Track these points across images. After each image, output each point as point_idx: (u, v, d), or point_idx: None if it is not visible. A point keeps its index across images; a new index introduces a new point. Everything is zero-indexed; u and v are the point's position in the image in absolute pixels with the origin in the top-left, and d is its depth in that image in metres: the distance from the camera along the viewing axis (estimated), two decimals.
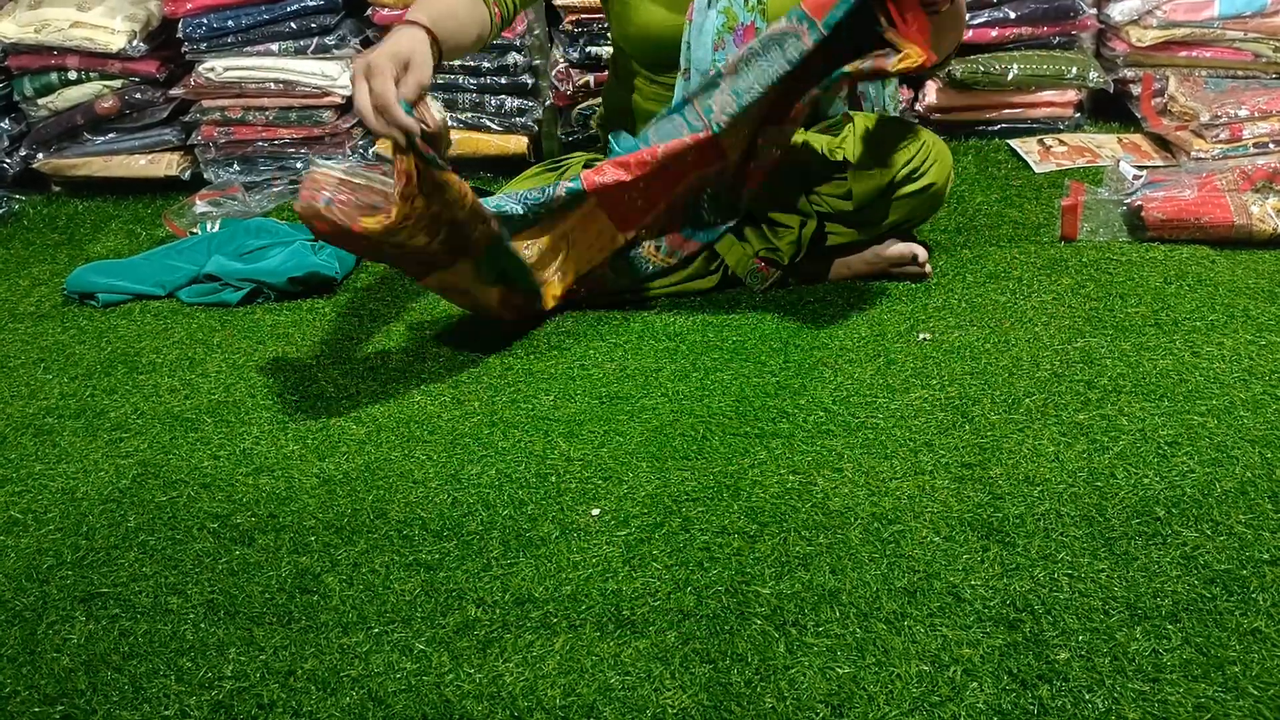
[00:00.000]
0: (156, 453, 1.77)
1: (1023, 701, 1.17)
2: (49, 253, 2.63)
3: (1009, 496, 1.48)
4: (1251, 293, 1.94)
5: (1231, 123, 2.45)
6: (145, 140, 2.88)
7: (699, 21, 1.98)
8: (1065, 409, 1.66)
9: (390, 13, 2.74)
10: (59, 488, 1.70)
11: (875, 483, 1.54)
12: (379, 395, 1.88)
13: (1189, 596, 1.29)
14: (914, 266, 2.08)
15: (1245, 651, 1.21)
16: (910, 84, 2.85)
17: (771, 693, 1.21)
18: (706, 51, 1.98)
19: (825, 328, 1.96)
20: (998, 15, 2.71)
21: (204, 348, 2.09)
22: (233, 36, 2.75)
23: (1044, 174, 2.56)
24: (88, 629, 1.40)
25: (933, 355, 1.84)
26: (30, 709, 1.28)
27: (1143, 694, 1.17)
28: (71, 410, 1.91)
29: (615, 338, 1.99)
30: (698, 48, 1.98)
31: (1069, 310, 1.94)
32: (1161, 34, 2.66)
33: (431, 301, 2.20)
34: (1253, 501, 1.43)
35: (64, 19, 2.75)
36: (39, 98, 2.83)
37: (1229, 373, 1.71)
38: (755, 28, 1.98)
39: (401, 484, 1.63)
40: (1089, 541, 1.39)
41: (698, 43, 1.98)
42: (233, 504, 1.62)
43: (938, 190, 2.04)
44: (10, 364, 2.10)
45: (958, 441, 1.61)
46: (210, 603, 1.43)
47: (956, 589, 1.33)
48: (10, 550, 1.56)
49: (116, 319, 2.24)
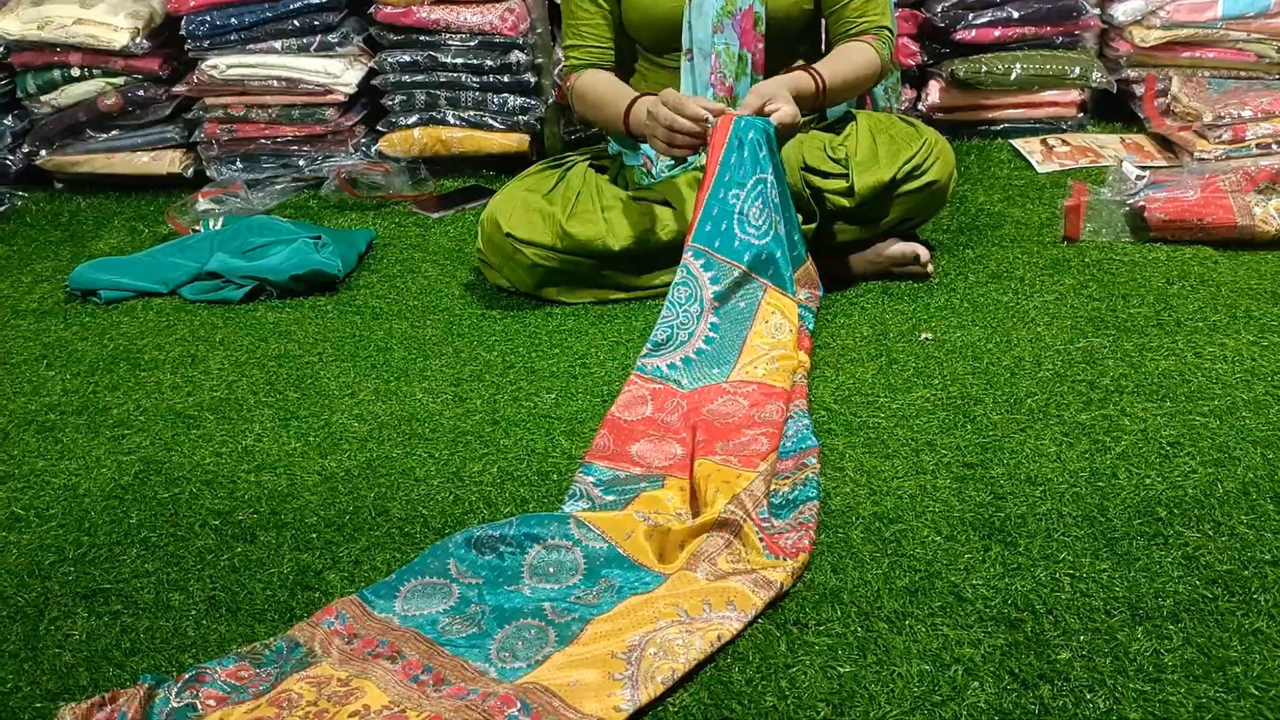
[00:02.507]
0: (158, 449, 1.77)
1: (1024, 701, 1.17)
2: (52, 249, 2.63)
3: (1011, 496, 1.48)
4: (1254, 294, 1.94)
5: (1234, 123, 2.45)
6: (148, 137, 2.88)
7: (699, 2, 2.01)
8: (1067, 409, 1.66)
9: (393, 10, 2.73)
10: (61, 484, 1.70)
11: (877, 482, 1.54)
12: (381, 393, 1.88)
13: (1190, 597, 1.29)
14: (916, 266, 2.08)
15: (1247, 652, 1.21)
16: (913, 83, 2.85)
17: (772, 691, 1.21)
18: (706, 33, 2.01)
19: (827, 326, 1.96)
20: (1001, 15, 2.71)
21: (206, 345, 2.09)
22: (235, 34, 2.75)
23: (1047, 174, 2.56)
24: (89, 625, 1.40)
25: (935, 355, 1.84)
26: (32, 704, 1.28)
27: (1144, 694, 1.17)
28: (74, 407, 1.91)
29: (617, 336, 1.99)
30: (699, 29, 2.02)
31: (1071, 310, 1.94)
32: (1164, 34, 2.66)
33: (433, 300, 2.21)
34: (1254, 502, 1.43)
35: (67, 16, 2.75)
36: (42, 94, 2.84)
37: (1231, 373, 1.71)
38: (754, 11, 2.00)
39: (403, 481, 1.63)
40: (1091, 541, 1.39)
41: (698, 23, 2.02)
42: (234, 501, 1.62)
43: (940, 188, 2.04)
44: (13, 360, 2.10)
45: (959, 441, 1.61)
46: (212, 599, 1.43)
47: (958, 588, 1.33)
48: (12, 546, 1.56)
49: (119, 316, 2.24)
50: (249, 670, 1.27)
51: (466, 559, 1.40)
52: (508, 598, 1.36)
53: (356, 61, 2.82)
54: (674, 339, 1.79)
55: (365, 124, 2.91)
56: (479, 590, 1.37)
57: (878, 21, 2.09)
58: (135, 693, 1.22)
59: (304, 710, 1.20)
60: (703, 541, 1.40)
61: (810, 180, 2.01)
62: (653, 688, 1.19)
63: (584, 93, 2.12)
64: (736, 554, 1.38)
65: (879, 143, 2.03)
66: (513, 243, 2.05)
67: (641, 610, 1.31)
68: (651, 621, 1.28)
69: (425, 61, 2.77)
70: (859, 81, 2.07)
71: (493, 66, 2.75)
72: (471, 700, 1.18)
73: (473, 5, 2.74)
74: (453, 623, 1.33)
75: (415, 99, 2.81)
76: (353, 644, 1.30)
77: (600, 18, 2.13)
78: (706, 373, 1.76)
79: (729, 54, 2.03)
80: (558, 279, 2.09)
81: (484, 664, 1.26)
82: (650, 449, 1.62)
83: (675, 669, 1.21)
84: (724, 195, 1.81)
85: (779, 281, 1.82)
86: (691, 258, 1.82)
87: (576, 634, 1.28)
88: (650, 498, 1.51)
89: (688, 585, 1.34)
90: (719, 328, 1.78)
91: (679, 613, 1.29)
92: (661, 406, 1.71)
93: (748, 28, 2.03)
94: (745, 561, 1.37)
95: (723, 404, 1.69)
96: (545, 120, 2.84)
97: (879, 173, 1.99)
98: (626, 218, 2.05)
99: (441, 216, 2.61)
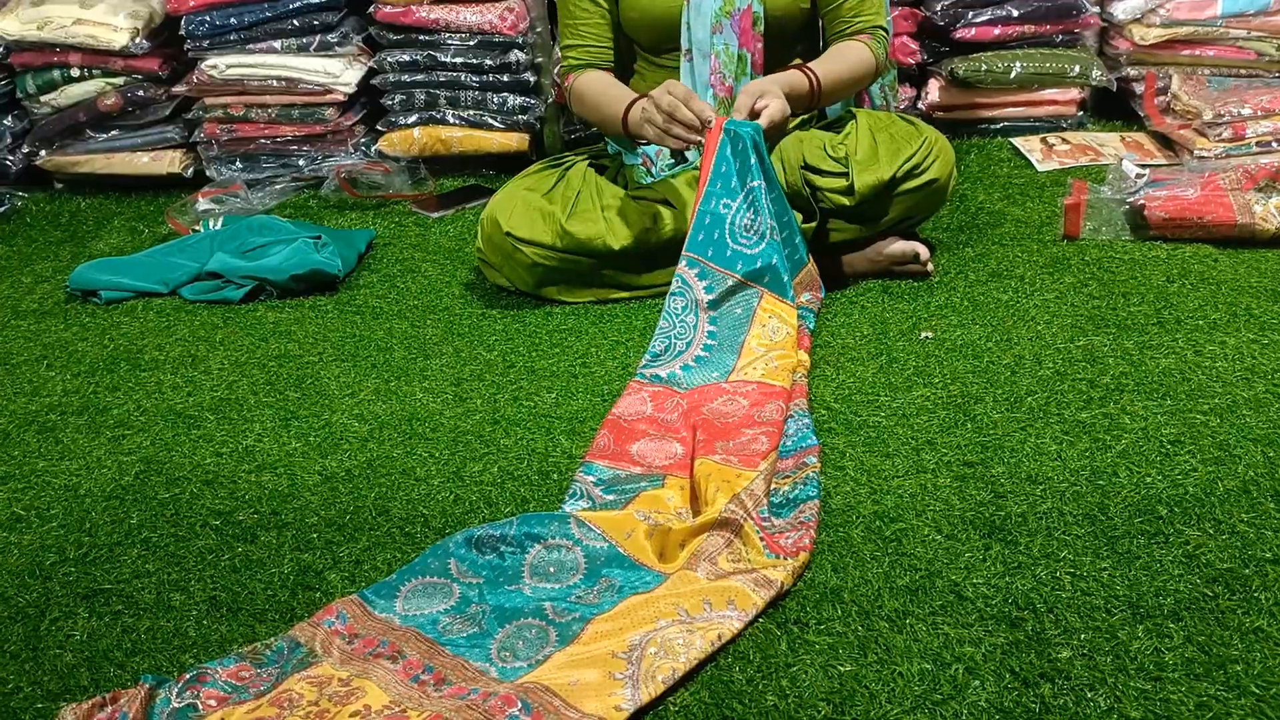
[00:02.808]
0: (159, 449, 1.77)
1: (1025, 700, 1.17)
2: (52, 250, 2.63)
3: (1011, 495, 1.48)
4: (1254, 292, 1.94)
5: (1234, 121, 2.45)
6: (148, 138, 2.88)
7: (697, 2, 2.02)
8: (1068, 407, 1.66)
9: (393, 10, 2.73)
10: (62, 484, 1.70)
11: (877, 481, 1.54)
12: (381, 392, 1.88)
13: (1191, 595, 1.29)
14: (916, 264, 2.08)
15: (1247, 650, 1.21)
16: (913, 82, 2.85)
17: (773, 690, 1.21)
18: (705, 33, 2.01)
19: (827, 326, 1.96)
20: (1001, 13, 2.70)
21: (206, 345, 2.09)
22: (235, 34, 2.75)
23: (1046, 172, 2.56)
24: (90, 625, 1.40)
25: (935, 353, 1.84)
26: (33, 705, 1.28)
27: (1145, 692, 1.17)
28: (74, 407, 1.91)
29: (617, 336, 1.99)
30: (697, 28, 2.02)
31: (1071, 309, 1.94)
32: (1164, 32, 2.66)
33: (434, 299, 2.21)
34: (1255, 500, 1.43)
35: (67, 16, 2.75)
36: (41, 95, 2.84)
37: (1231, 371, 1.71)
38: (753, 11, 2.00)
39: (404, 481, 1.63)
40: (1091, 540, 1.39)
41: (697, 23, 2.02)
42: (235, 501, 1.62)
43: (939, 186, 2.04)
44: (13, 361, 2.10)
45: (960, 440, 1.61)
46: (213, 599, 1.43)
47: (958, 587, 1.33)
48: (13, 547, 1.56)
49: (119, 316, 2.24)
50: (250, 670, 1.27)
51: (467, 559, 1.40)
52: (508, 597, 1.36)
53: (356, 61, 2.82)
54: (672, 349, 1.80)
55: (365, 124, 2.91)
56: (480, 590, 1.37)
57: (873, 21, 2.09)
58: (136, 693, 1.22)
59: (305, 710, 1.20)
60: (703, 541, 1.40)
61: (810, 179, 2.01)
62: (653, 687, 1.19)
63: (582, 93, 2.12)
64: (737, 553, 1.38)
65: (879, 141, 2.03)
66: (512, 242, 2.05)
67: (642, 610, 1.31)
68: (652, 621, 1.29)
69: (425, 61, 2.77)
70: (854, 80, 2.07)
71: (492, 66, 2.75)
72: (472, 700, 1.18)
73: (472, 5, 2.74)
74: (453, 622, 1.33)
75: (415, 98, 2.81)
76: (353, 644, 1.30)
77: (599, 17, 2.13)
78: (706, 375, 1.76)
79: (728, 54, 2.04)
80: (557, 278, 2.09)
81: (485, 664, 1.26)
82: (651, 448, 1.62)
83: (676, 668, 1.21)
84: (715, 205, 1.83)
85: (777, 289, 1.82)
86: (686, 267, 1.83)
87: (577, 633, 1.29)
88: (651, 497, 1.51)
89: (688, 585, 1.34)
90: (716, 335, 1.79)
91: (679, 612, 1.29)
92: (661, 406, 1.71)
93: (746, 27, 2.03)
94: (746, 560, 1.37)
95: (723, 403, 1.69)
96: (545, 120, 2.84)
97: (879, 171, 1.99)
98: (626, 217, 2.05)
99: (441, 216, 2.61)
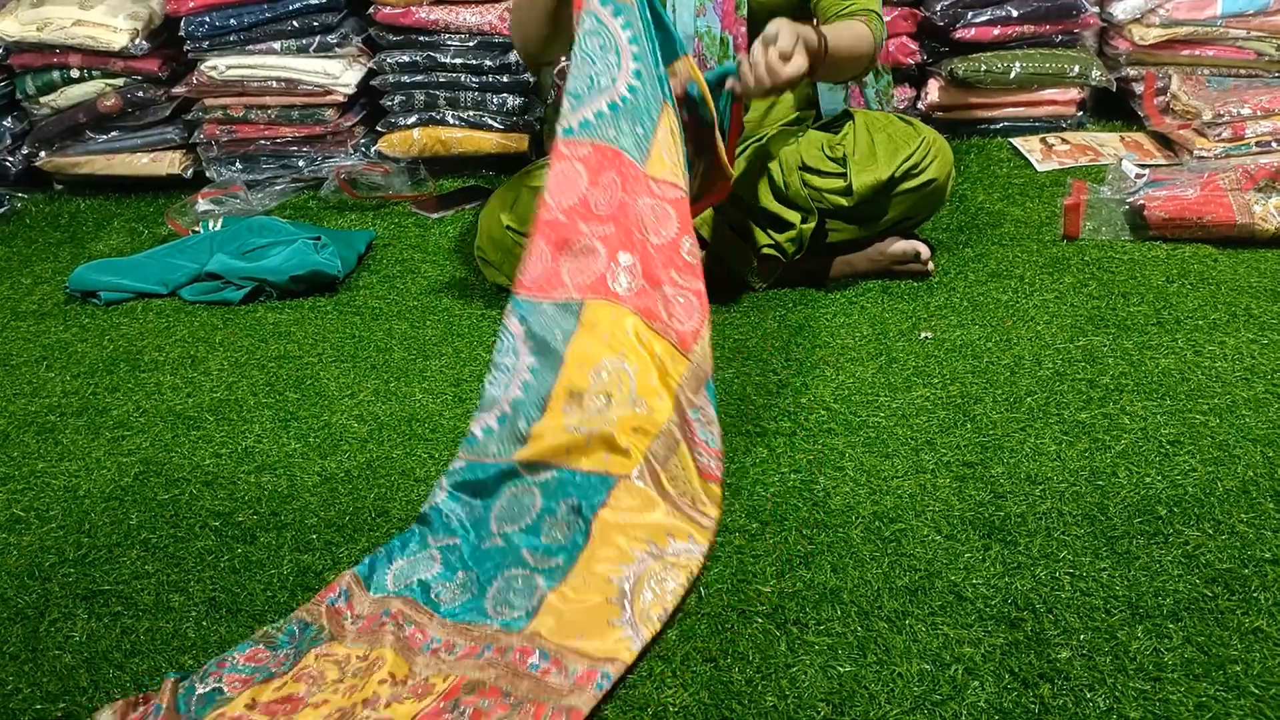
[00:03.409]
0: (158, 450, 1.77)
1: (1024, 700, 1.17)
2: (51, 251, 2.63)
3: (1011, 495, 1.48)
4: (1254, 292, 1.94)
5: (1234, 121, 2.45)
6: (147, 138, 2.88)
7: None
8: (1067, 408, 1.66)
9: (392, 10, 2.73)
10: (61, 485, 1.70)
11: (877, 481, 1.54)
12: (381, 393, 1.88)
13: (1190, 595, 1.29)
14: (916, 264, 2.08)
15: (1247, 650, 1.21)
16: (913, 82, 2.84)
17: (773, 691, 1.21)
18: (689, 15, 2.00)
19: (827, 326, 1.96)
20: (1000, 13, 2.70)
21: (206, 346, 2.09)
22: (235, 35, 2.75)
23: (1046, 172, 2.55)
24: (90, 626, 1.40)
25: (935, 354, 1.84)
26: (32, 706, 1.28)
27: (1144, 693, 1.17)
28: (74, 408, 1.92)
29: None
30: (682, 11, 2.01)
31: (1071, 309, 1.94)
32: (1164, 32, 2.66)
33: (433, 300, 2.20)
34: (1254, 500, 1.43)
35: (66, 17, 2.75)
36: (41, 96, 2.83)
37: (1231, 371, 1.71)
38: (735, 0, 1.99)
39: (403, 482, 1.63)
40: (1090, 540, 1.39)
41: (681, 6, 2.00)
42: (235, 502, 1.62)
43: (938, 186, 2.04)
44: (13, 362, 2.10)
45: (959, 440, 1.61)
46: (212, 600, 1.43)
47: (958, 588, 1.33)
48: (12, 548, 1.57)
49: (119, 317, 2.24)
50: (265, 653, 1.32)
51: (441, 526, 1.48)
52: (486, 556, 1.43)
53: (356, 62, 2.82)
54: (596, 85, 1.62)
55: (365, 124, 2.91)
56: (459, 554, 1.44)
57: (868, 6, 2.02)
58: (164, 686, 1.26)
59: (333, 685, 1.26)
60: (651, 443, 1.47)
61: (808, 179, 2.01)
62: (651, 627, 1.30)
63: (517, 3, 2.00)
64: (674, 471, 1.47)
65: (877, 141, 2.03)
66: (513, 236, 2.05)
67: (616, 538, 1.40)
68: (629, 556, 1.38)
69: (424, 62, 2.77)
70: (855, 55, 1.94)
71: (492, 66, 2.75)
72: (489, 657, 1.27)
73: (472, 5, 2.74)
74: (444, 589, 1.40)
75: (414, 99, 2.81)
76: (358, 623, 1.36)
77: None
78: (631, 129, 1.61)
79: (711, 37, 2.03)
80: None
81: (485, 621, 1.34)
82: (576, 267, 1.56)
83: (665, 607, 1.33)
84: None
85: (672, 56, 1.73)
86: (599, 5, 1.67)
87: (565, 574, 1.37)
88: (566, 389, 1.49)
89: (643, 514, 1.43)
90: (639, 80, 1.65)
91: (650, 545, 1.40)
92: (595, 180, 1.59)
93: (729, 10, 2.02)
94: (684, 481, 1.47)
95: (651, 208, 1.60)
96: (545, 120, 2.84)
97: (877, 171, 1.99)
98: None
99: (441, 216, 2.61)
